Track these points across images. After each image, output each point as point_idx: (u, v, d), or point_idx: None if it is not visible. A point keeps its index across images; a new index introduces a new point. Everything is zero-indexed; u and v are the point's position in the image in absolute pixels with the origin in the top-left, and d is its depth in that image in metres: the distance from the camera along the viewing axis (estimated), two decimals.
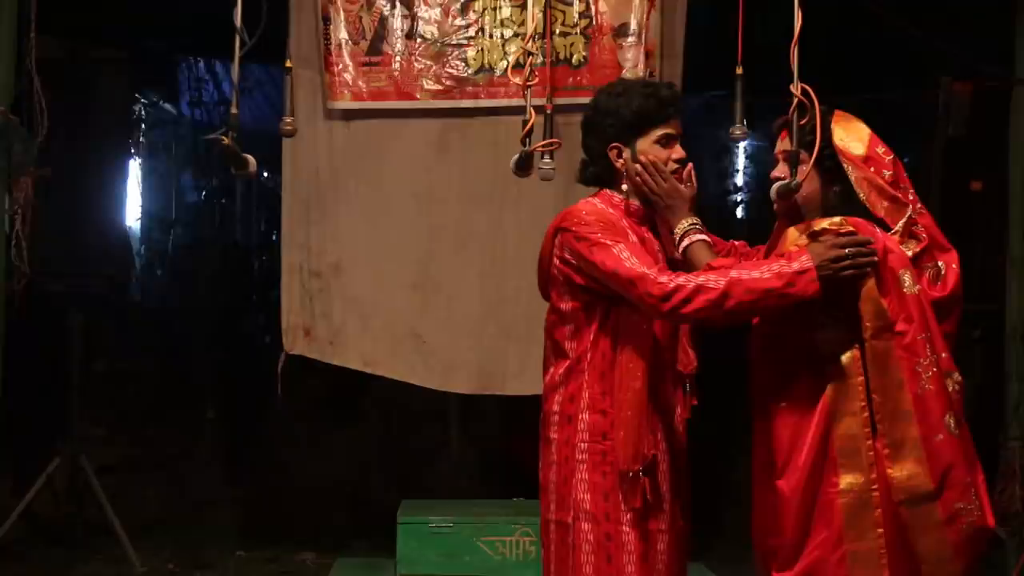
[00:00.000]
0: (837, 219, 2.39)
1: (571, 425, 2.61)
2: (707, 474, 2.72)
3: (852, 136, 2.50)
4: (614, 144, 2.61)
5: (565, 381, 2.63)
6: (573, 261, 2.56)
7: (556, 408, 2.64)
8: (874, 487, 2.33)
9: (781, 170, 2.53)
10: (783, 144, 2.54)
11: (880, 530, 2.33)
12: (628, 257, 2.46)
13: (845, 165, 2.46)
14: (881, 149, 2.49)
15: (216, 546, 5.25)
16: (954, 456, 2.36)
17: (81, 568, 4.87)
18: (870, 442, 2.35)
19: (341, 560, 4.85)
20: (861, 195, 2.45)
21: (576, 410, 2.61)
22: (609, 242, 2.50)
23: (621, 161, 2.60)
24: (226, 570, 5.00)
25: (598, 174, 2.67)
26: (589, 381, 2.60)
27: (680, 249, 2.52)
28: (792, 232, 2.44)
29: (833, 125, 2.50)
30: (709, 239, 2.55)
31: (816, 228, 2.39)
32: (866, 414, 2.36)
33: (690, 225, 2.52)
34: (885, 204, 2.45)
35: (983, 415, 5.23)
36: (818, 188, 2.49)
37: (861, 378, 2.36)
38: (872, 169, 2.46)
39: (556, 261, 2.61)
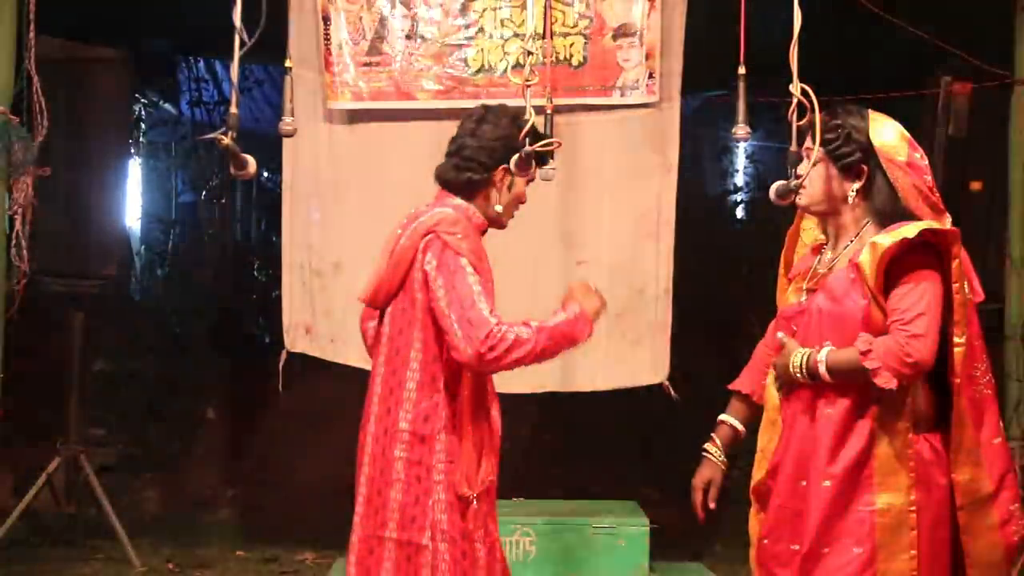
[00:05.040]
0: (923, 224, 2.35)
1: (424, 445, 2.56)
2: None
3: (894, 140, 2.45)
4: (506, 167, 2.68)
5: (417, 397, 2.58)
6: (432, 275, 2.55)
7: (406, 426, 2.58)
8: (912, 508, 2.32)
9: (803, 168, 2.46)
10: (807, 142, 2.47)
11: (913, 552, 2.31)
12: (480, 293, 2.51)
13: (891, 171, 2.42)
14: (918, 154, 2.46)
15: (216, 546, 5.26)
16: (1009, 460, 2.41)
17: (81, 568, 4.87)
18: (912, 463, 2.34)
19: (341, 560, 4.84)
20: (910, 203, 2.41)
21: (431, 431, 2.57)
22: (470, 269, 2.54)
23: (504, 185, 2.69)
24: (226, 570, 5.00)
25: (475, 183, 2.68)
26: (445, 400, 2.57)
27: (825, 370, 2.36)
28: (880, 242, 2.33)
29: (871, 125, 2.45)
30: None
31: (904, 230, 2.33)
32: (910, 435, 2.35)
33: (802, 356, 2.38)
34: (928, 211, 2.43)
35: None
36: (831, 186, 2.46)
37: (909, 398, 2.35)
38: (916, 175, 2.43)
39: (418, 264, 2.59)
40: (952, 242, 2.34)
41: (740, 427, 2.68)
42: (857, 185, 2.45)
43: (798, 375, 2.37)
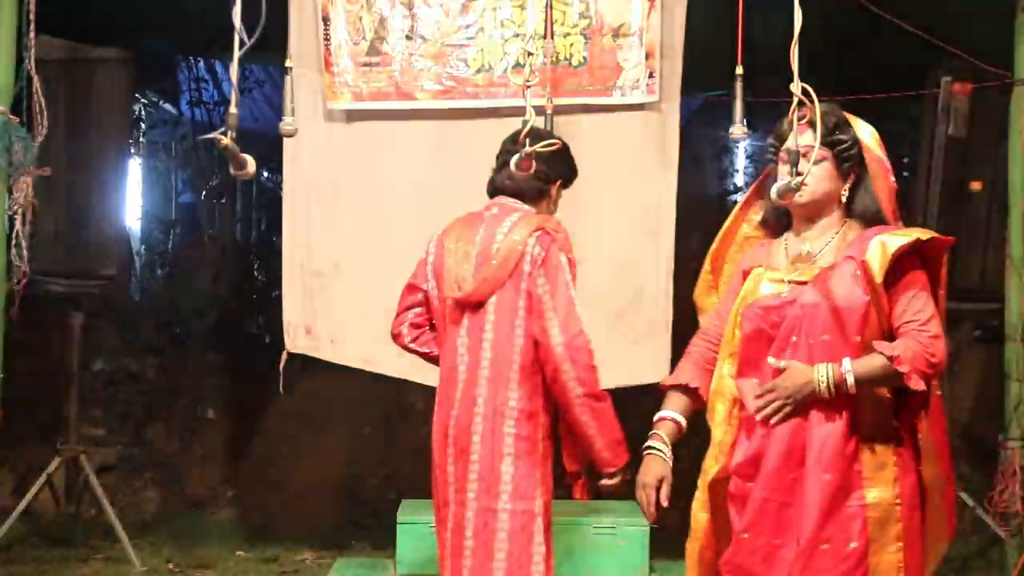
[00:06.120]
0: (926, 230, 2.40)
1: (531, 422, 2.87)
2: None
3: (873, 140, 2.49)
4: (560, 181, 3.08)
5: (521, 377, 2.86)
6: (537, 262, 2.86)
7: (515, 404, 2.86)
8: (897, 502, 2.37)
9: (802, 166, 2.45)
10: (804, 139, 2.45)
11: (900, 544, 2.36)
12: (575, 296, 2.86)
13: (875, 171, 2.46)
14: (886, 156, 2.51)
15: (216, 546, 5.26)
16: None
17: (81, 568, 4.88)
18: (895, 458, 2.39)
19: (341, 560, 4.85)
20: (884, 204, 2.46)
21: (536, 408, 2.88)
22: (567, 268, 2.88)
23: (554, 197, 3.09)
24: (226, 570, 5.00)
25: (542, 193, 3.04)
26: (543, 382, 2.88)
27: (853, 382, 2.35)
28: (890, 242, 2.35)
29: (855, 125, 2.49)
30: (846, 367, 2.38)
31: (915, 232, 2.39)
32: (893, 431, 2.40)
33: (826, 370, 2.37)
34: (891, 214, 2.48)
35: (983, 415, 5.23)
36: (831, 185, 2.48)
37: (891, 396, 2.40)
38: (888, 176, 2.48)
39: (527, 257, 2.88)
40: (946, 250, 2.42)
41: (683, 422, 2.62)
42: (849, 184, 2.48)
43: (823, 390, 2.35)
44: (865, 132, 2.50)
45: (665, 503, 2.55)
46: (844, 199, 2.48)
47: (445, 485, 2.94)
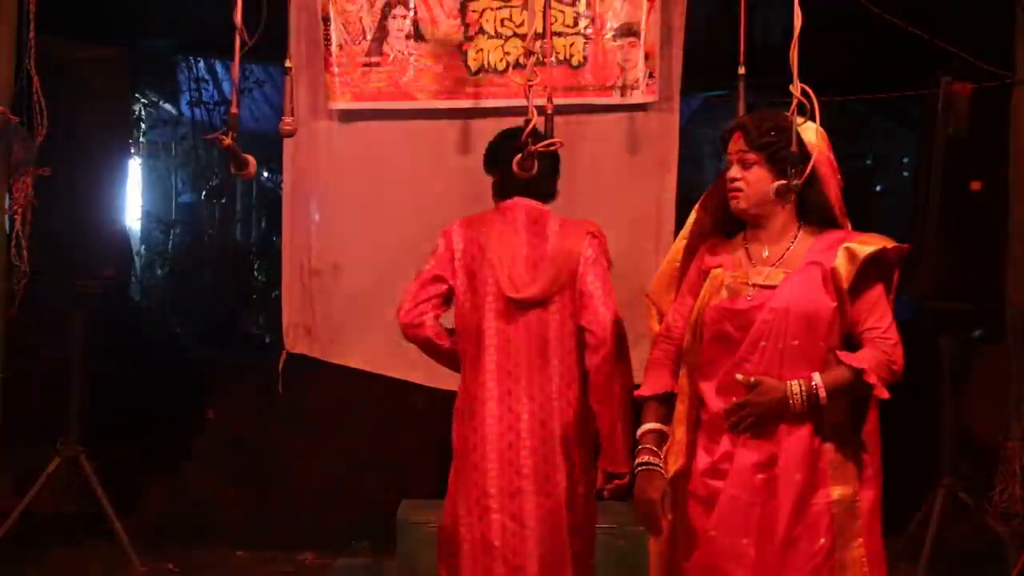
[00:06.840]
0: (884, 239, 2.44)
1: (585, 410, 3.10)
2: None
3: (817, 139, 2.50)
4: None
5: (581, 370, 3.08)
6: (589, 262, 3.09)
7: (580, 395, 3.09)
8: (858, 498, 2.43)
9: (736, 172, 2.50)
10: (737, 145, 2.50)
11: (861, 539, 2.42)
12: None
13: (822, 171, 2.48)
14: (832, 155, 2.54)
15: (216, 546, 5.25)
16: None
17: (81, 568, 4.87)
18: (856, 455, 2.45)
19: (341, 560, 4.85)
20: (833, 203, 2.50)
21: (585, 396, 3.10)
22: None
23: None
24: (226, 570, 5.00)
25: (550, 187, 3.25)
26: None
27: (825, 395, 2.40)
28: (857, 250, 2.41)
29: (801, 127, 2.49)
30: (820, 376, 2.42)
31: (880, 239, 2.44)
32: (852, 429, 2.46)
33: (799, 386, 2.40)
34: (839, 214, 2.52)
35: (983, 415, 5.23)
36: (770, 189, 2.48)
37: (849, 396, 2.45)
38: (836, 175, 2.52)
39: (582, 258, 3.10)
40: (903, 256, 2.48)
41: (667, 431, 2.63)
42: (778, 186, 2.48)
43: (797, 404, 2.38)
44: (811, 132, 2.49)
45: (669, 516, 2.56)
46: (789, 200, 2.49)
47: (517, 476, 3.06)
